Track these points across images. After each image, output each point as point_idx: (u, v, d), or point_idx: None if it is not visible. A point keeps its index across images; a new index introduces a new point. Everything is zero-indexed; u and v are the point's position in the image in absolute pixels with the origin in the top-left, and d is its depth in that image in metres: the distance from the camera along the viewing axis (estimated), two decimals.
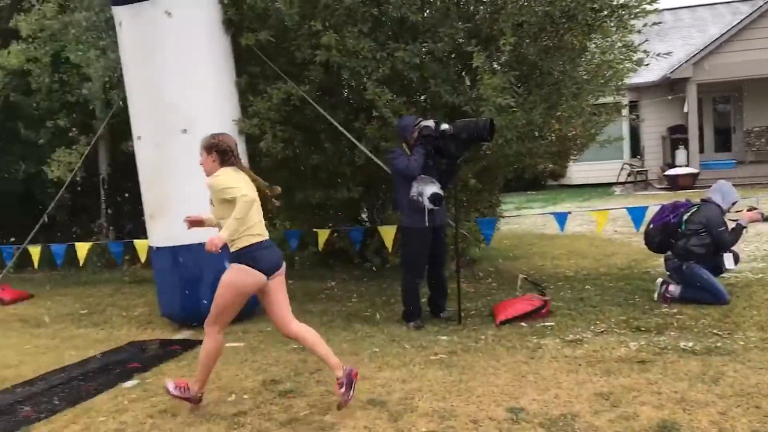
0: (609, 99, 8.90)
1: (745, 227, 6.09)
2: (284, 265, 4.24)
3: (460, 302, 5.96)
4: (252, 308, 6.70)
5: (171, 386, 4.25)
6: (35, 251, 9.04)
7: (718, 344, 4.79)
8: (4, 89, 10.89)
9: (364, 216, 9.16)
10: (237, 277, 4.05)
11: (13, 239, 10.95)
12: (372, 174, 7.65)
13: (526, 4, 6.74)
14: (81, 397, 4.69)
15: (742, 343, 4.80)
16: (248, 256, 4.03)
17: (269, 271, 4.09)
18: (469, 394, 4.18)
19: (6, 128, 12.00)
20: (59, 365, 5.59)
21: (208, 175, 4.17)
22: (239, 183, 4.03)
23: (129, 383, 4.97)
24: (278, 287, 4.19)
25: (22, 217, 12.29)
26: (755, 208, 6.31)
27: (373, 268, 8.51)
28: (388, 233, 7.31)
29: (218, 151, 4.16)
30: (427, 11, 6.99)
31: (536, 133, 7.04)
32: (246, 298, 4.14)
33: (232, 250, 4.08)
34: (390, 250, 7.66)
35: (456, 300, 5.98)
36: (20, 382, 5.20)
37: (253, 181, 4.23)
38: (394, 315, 6.35)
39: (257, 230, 4.09)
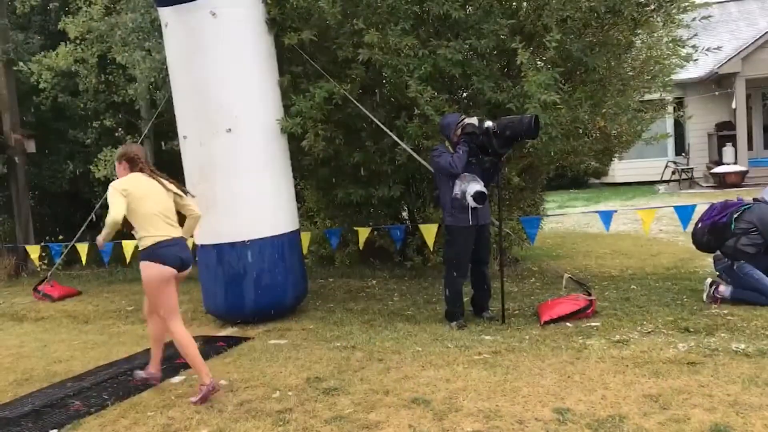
0: (655, 96, 8.74)
1: None
2: (189, 269, 4.74)
3: (503, 302, 5.90)
4: (294, 306, 6.77)
5: (194, 399, 4.46)
6: (83, 249, 9.26)
7: None
8: (52, 90, 11.16)
9: (404, 214, 9.14)
10: (146, 273, 4.54)
11: (61, 237, 11.24)
12: (413, 172, 7.64)
13: None
14: (129, 392, 4.79)
15: None
16: (152, 253, 4.50)
17: (175, 266, 4.56)
18: (514, 394, 4.13)
19: (54, 128, 12.33)
20: (108, 360, 5.71)
21: None
22: (133, 190, 4.49)
23: (176, 379, 5.06)
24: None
25: (70, 215, 12.63)
26: None
27: (412, 267, 8.49)
28: (429, 231, 7.28)
29: (127, 159, 4.69)
30: (470, 8, 6.93)
31: (581, 131, 6.93)
32: (168, 284, 4.57)
33: (139, 249, 4.57)
34: (431, 248, 7.63)
35: (499, 299, 5.93)
36: (71, 376, 5.32)
37: (162, 184, 4.68)
38: (436, 314, 6.32)
39: (162, 230, 4.55)
